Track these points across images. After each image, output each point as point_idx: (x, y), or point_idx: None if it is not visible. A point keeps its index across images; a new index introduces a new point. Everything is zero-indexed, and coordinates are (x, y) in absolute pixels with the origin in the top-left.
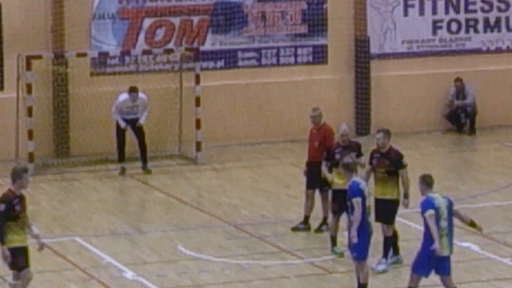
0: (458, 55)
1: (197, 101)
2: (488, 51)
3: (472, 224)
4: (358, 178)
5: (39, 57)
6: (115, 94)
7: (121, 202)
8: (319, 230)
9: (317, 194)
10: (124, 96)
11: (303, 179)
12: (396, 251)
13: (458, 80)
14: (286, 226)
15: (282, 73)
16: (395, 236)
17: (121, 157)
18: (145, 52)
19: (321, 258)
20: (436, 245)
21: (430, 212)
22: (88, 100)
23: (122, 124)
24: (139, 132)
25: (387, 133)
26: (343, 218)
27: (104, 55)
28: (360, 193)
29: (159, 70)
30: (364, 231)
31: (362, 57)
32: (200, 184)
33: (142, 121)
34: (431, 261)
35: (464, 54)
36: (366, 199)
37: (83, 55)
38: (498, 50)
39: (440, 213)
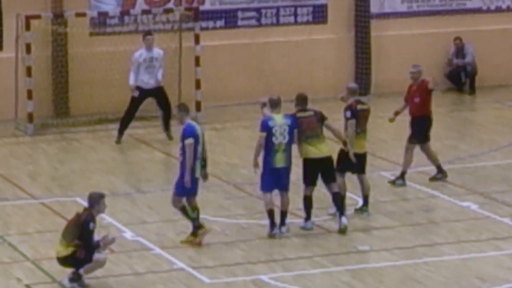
0: (458, 15)
1: (197, 61)
2: (488, 10)
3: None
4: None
5: (38, 16)
6: (115, 54)
7: (121, 162)
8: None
9: None
10: (139, 51)
11: None
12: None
13: (458, 39)
14: None
15: (282, 32)
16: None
17: (125, 127)
18: (144, 12)
19: (321, 218)
20: (186, 177)
21: (190, 140)
22: (87, 60)
23: (135, 91)
24: (162, 98)
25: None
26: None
27: (103, 15)
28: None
29: (159, 30)
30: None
31: (362, 16)
32: None
33: (160, 76)
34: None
35: (464, 14)
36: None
37: (83, 15)
38: (498, 10)
39: (200, 139)
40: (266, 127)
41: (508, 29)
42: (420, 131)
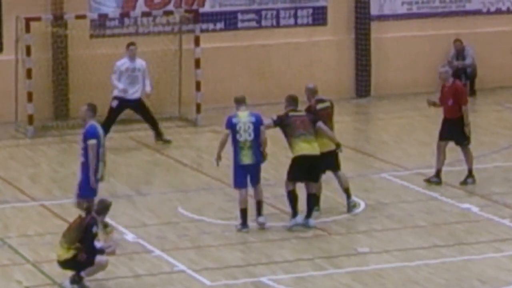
0: (458, 16)
1: (197, 63)
2: (488, 12)
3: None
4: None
5: (38, 19)
6: (115, 56)
7: (121, 164)
8: (464, 183)
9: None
10: (121, 60)
11: None
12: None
13: (458, 41)
14: None
15: (282, 34)
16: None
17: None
18: (144, 14)
19: (321, 220)
20: (91, 178)
21: (93, 141)
22: (87, 62)
23: (114, 103)
24: (142, 110)
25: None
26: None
27: (103, 17)
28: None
29: (159, 32)
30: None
31: (362, 18)
32: (200, 146)
33: (148, 88)
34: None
35: (464, 15)
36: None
37: (82, 17)
38: (498, 11)
39: (102, 140)
40: (229, 124)
41: (508, 31)
42: (460, 132)
